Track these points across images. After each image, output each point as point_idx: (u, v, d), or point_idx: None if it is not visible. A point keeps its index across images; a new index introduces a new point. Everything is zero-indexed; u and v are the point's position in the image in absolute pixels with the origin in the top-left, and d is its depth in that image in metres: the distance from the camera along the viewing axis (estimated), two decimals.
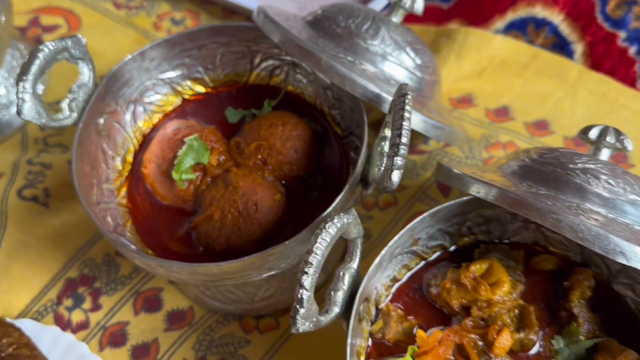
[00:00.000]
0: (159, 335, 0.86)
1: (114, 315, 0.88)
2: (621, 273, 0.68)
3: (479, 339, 0.65)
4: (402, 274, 0.72)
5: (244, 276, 0.68)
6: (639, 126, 0.98)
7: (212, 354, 0.84)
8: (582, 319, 0.66)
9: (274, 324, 0.86)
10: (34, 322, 0.84)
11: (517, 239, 0.73)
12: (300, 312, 0.56)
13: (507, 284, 0.67)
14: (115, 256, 0.92)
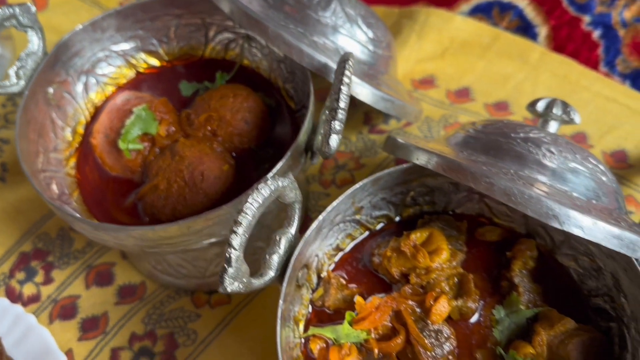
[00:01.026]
0: (109, 309, 0.85)
1: (65, 288, 0.87)
2: (564, 244, 0.67)
3: (417, 306, 0.64)
4: (345, 244, 0.71)
5: (184, 242, 0.67)
6: (600, 107, 0.98)
7: (161, 327, 0.83)
8: (523, 288, 0.65)
9: (225, 298, 0.85)
10: None
11: (461, 210, 0.72)
12: (229, 271, 0.55)
13: (446, 252, 0.66)
14: (70, 231, 0.92)
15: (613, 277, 0.63)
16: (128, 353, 0.81)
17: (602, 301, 0.64)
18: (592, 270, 0.65)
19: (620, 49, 1.05)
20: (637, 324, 0.59)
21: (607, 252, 0.62)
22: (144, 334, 0.82)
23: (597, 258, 0.64)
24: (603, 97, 0.99)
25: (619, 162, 0.93)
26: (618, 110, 0.98)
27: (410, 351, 0.62)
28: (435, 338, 0.63)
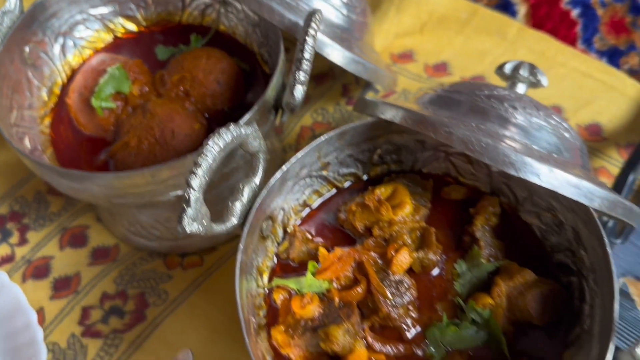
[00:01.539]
0: (81, 269, 0.85)
1: (39, 249, 0.88)
2: (527, 201, 0.68)
3: (379, 258, 0.65)
4: (313, 200, 0.72)
5: (149, 192, 0.68)
6: (576, 83, 0.99)
7: (132, 287, 0.83)
8: (485, 242, 0.66)
9: (198, 261, 0.85)
10: None
11: (428, 170, 0.73)
12: (188, 211, 0.56)
13: (409, 206, 0.67)
14: (47, 194, 0.92)
15: (574, 231, 0.63)
16: (99, 311, 0.82)
17: (564, 256, 0.65)
18: (554, 226, 0.66)
19: (598, 28, 1.06)
20: (595, 275, 0.60)
21: (568, 205, 0.63)
22: (115, 294, 0.83)
23: (558, 213, 0.65)
24: (579, 72, 1.00)
25: (593, 135, 0.93)
26: (593, 85, 0.98)
27: (370, 300, 0.63)
28: (396, 288, 0.63)
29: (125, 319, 0.81)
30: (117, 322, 0.81)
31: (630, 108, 0.95)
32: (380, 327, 0.63)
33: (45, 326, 0.81)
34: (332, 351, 0.60)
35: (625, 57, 1.03)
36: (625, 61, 1.02)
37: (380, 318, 0.62)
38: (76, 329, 0.81)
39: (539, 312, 0.60)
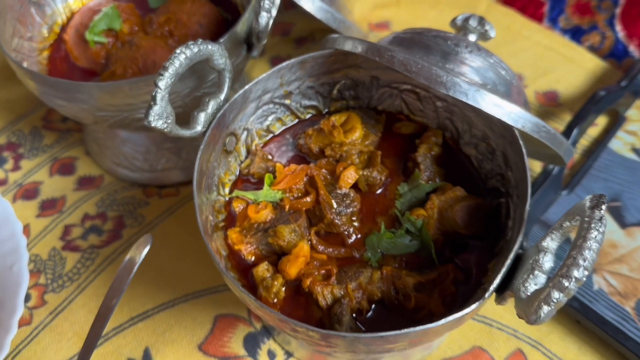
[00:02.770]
0: (67, 194, 0.93)
1: (30, 175, 0.95)
2: (466, 133, 0.75)
3: (328, 174, 0.72)
4: (276, 127, 0.79)
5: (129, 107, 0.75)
6: (537, 54, 1.06)
7: (112, 210, 0.91)
8: (425, 166, 0.72)
9: (174, 192, 0.93)
10: None
11: (382, 107, 0.80)
12: (154, 108, 0.63)
13: (360, 131, 0.74)
14: (42, 129, 1.00)
15: (503, 155, 0.70)
16: (79, 229, 0.89)
17: (495, 181, 0.71)
18: (487, 154, 0.72)
19: (565, 9, 1.13)
20: (518, 190, 0.66)
21: (499, 132, 0.70)
22: (95, 215, 0.90)
23: (491, 141, 0.71)
24: (542, 45, 1.07)
25: (550, 100, 1.00)
26: (554, 57, 1.05)
27: (318, 209, 0.70)
28: (342, 200, 0.70)
29: (103, 236, 0.88)
30: (95, 239, 0.88)
31: (586, 79, 1.02)
32: (325, 234, 0.70)
33: (30, 240, 0.88)
34: (279, 246, 0.67)
35: (587, 35, 1.10)
36: (587, 39, 1.09)
37: (325, 225, 0.69)
38: (57, 243, 0.88)
39: (465, 221, 0.67)
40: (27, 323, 0.81)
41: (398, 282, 0.64)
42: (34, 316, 0.82)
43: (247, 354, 0.78)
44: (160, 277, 0.84)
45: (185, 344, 0.79)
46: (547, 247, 0.57)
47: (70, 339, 0.80)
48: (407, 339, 0.56)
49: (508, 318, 0.79)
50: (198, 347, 0.78)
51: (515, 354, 0.77)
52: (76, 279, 0.85)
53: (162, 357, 0.78)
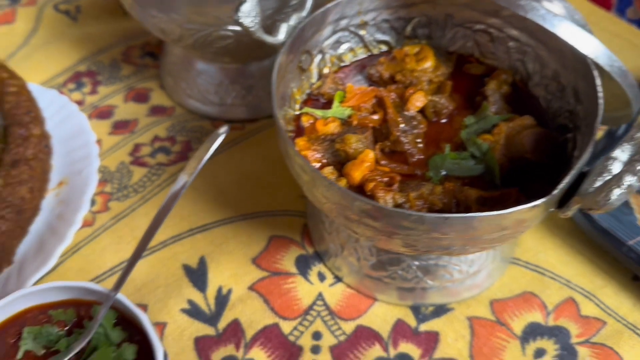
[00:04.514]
0: (139, 117, 0.95)
1: (106, 100, 0.98)
2: (537, 74, 0.74)
3: (397, 98, 0.72)
4: (348, 57, 0.79)
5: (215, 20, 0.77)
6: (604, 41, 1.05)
7: (181, 135, 0.92)
8: (493, 99, 0.72)
9: (240, 127, 0.94)
10: (33, 84, 0.94)
11: (454, 49, 0.80)
12: (245, 4, 0.65)
13: (432, 61, 0.74)
14: (121, 62, 1.04)
15: (573, 90, 0.69)
16: (148, 148, 0.91)
17: (563, 118, 0.70)
18: (557, 92, 0.72)
19: (633, 2, 1.13)
20: (587, 120, 0.65)
21: (571, 66, 0.69)
22: (165, 138, 0.92)
23: (562, 78, 0.71)
24: (608, 32, 1.06)
25: None
26: (621, 44, 1.04)
27: (384, 128, 0.70)
28: (408, 121, 0.70)
29: (171, 157, 0.90)
30: (163, 158, 0.90)
31: None
32: (389, 152, 0.70)
33: (100, 154, 0.90)
34: (345, 153, 0.67)
35: None
36: None
37: (391, 142, 0.69)
38: (126, 158, 0.90)
39: (533, 147, 0.66)
40: (89, 224, 0.83)
41: (460, 195, 0.63)
42: (97, 219, 0.83)
43: (297, 272, 0.77)
44: (220, 198, 0.85)
45: (239, 257, 0.79)
46: (616, 157, 0.56)
47: (130, 242, 0.81)
48: (470, 227, 0.55)
49: (560, 268, 0.77)
50: (252, 261, 0.78)
51: (567, 301, 0.74)
52: (141, 191, 0.86)
53: (216, 266, 0.78)
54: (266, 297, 0.75)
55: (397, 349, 0.71)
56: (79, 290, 0.66)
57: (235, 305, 0.75)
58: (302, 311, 0.74)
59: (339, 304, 0.75)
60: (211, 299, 0.75)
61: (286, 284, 0.76)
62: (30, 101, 0.89)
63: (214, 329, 0.73)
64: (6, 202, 0.77)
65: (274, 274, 0.77)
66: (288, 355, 0.71)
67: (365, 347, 0.71)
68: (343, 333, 0.72)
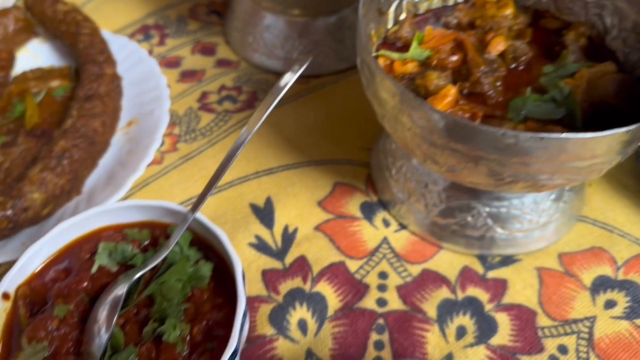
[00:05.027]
0: (206, 68, 0.96)
1: (174, 51, 0.99)
2: (615, 28, 0.73)
3: (477, 42, 0.72)
4: (424, 6, 0.79)
5: None
6: None
7: (247, 86, 0.93)
8: (573, 48, 0.71)
9: (304, 82, 0.94)
10: (104, 30, 0.96)
11: (530, 4, 0.80)
12: None
13: (512, 8, 0.74)
14: (187, 18, 1.05)
15: None
16: (215, 96, 0.92)
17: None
18: (636, 44, 0.71)
19: None
20: None
21: None
22: (232, 87, 0.93)
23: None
24: None
25: None
26: None
27: (464, 69, 0.69)
28: (489, 63, 0.69)
29: (237, 105, 0.90)
30: (230, 106, 0.90)
31: None
32: (467, 94, 0.69)
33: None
34: (425, 89, 0.66)
35: None
36: None
37: (471, 83, 0.68)
38: (194, 104, 0.91)
39: (615, 91, 0.65)
40: (158, 162, 0.83)
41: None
42: (165, 158, 0.84)
43: (362, 216, 0.77)
44: (285, 145, 0.85)
45: (305, 199, 0.79)
46: None
47: (197, 181, 0.81)
48: (564, 150, 0.54)
49: (630, 227, 0.76)
50: (317, 203, 0.78)
51: (637, 258, 0.73)
52: (208, 135, 0.87)
53: (283, 206, 0.78)
54: (332, 237, 0.75)
55: (465, 292, 0.70)
56: (156, 210, 0.67)
57: (302, 243, 0.74)
58: (368, 252, 0.74)
59: (404, 248, 0.74)
60: (278, 236, 0.75)
61: (351, 226, 0.76)
62: (103, 43, 0.91)
63: (281, 263, 0.73)
64: (80, 132, 0.78)
65: (339, 217, 0.77)
66: (355, 291, 0.70)
67: (432, 288, 0.70)
68: (409, 275, 0.71)
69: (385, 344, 0.66)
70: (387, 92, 0.60)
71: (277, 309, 0.69)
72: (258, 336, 0.66)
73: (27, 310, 0.62)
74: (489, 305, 0.69)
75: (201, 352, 0.58)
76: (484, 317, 0.68)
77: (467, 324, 0.67)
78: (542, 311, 0.68)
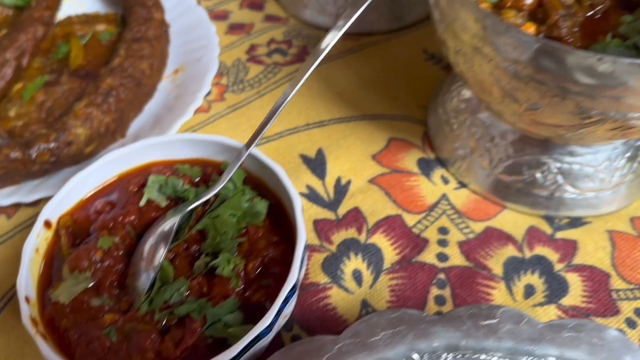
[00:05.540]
0: (255, 22, 0.92)
1: (221, 5, 0.96)
2: None
3: None
4: None
5: None
6: None
7: (297, 40, 0.89)
8: None
9: (355, 38, 0.90)
10: None
11: None
12: None
13: None
14: None
15: None
16: (264, 49, 0.88)
17: None
18: None
19: None
20: None
21: None
22: (281, 41, 0.89)
23: None
24: None
25: None
26: None
27: (540, 12, 0.65)
28: (567, 7, 0.65)
29: (287, 58, 0.86)
30: (280, 58, 0.86)
31: None
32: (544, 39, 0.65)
33: None
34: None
35: None
36: None
37: (547, 26, 0.64)
38: (242, 56, 0.87)
39: None
40: (205, 111, 0.80)
41: None
42: (212, 107, 0.80)
43: (420, 172, 0.72)
44: (337, 98, 0.81)
45: (359, 152, 0.74)
46: None
47: (245, 130, 0.77)
48: None
49: None
50: (372, 157, 0.74)
51: None
52: (256, 86, 0.83)
53: (335, 158, 0.74)
54: (387, 191, 0.70)
55: (532, 251, 0.65)
56: (208, 146, 0.63)
57: (355, 195, 0.70)
58: (427, 207, 0.69)
59: (465, 206, 0.69)
60: (330, 187, 0.71)
61: (408, 181, 0.71)
62: None
63: (334, 213, 0.68)
64: (127, 72, 0.75)
65: (395, 172, 0.72)
66: (413, 245, 0.65)
67: (497, 246, 0.65)
68: (472, 232, 0.67)
69: (446, 299, 0.61)
70: (469, 19, 0.55)
71: (330, 258, 0.64)
72: (311, 283, 0.62)
73: (69, 241, 0.58)
74: (559, 265, 0.63)
75: (256, 289, 0.53)
76: (554, 276, 0.63)
77: (535, 283, 0.62)
78: (616, 274, 0.63)
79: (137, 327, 0.50)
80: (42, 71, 0.80)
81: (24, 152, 0.65)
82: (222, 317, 0.51)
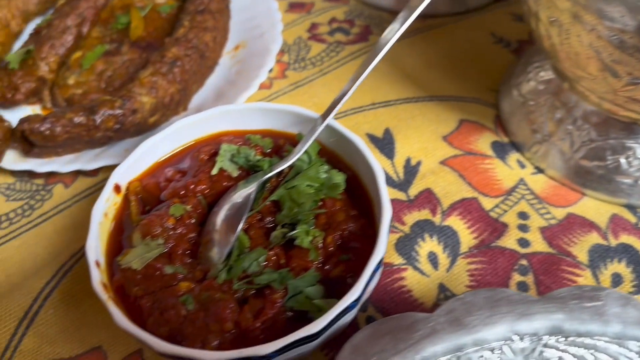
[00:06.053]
0: (315, 2, 0.90)
1: None
2: None
3: None
4: None
5: None
6: None
7: (360, 20, 0.86)
8: None
9: (420, 20, 0.87)
10: None
11: None
12: None
13: None
14: None
15: None
16: (326, 27, 0.85)
17: None
18: None
19: None
20: None
21: None
22: (343, 20, 0.86)
23: None
24: None
25: None
26: None
27: None
28: None
29: (350, 37, 0.84)
30: (342, 37, 0.84)
31: None
32: None
33: None
34: None
35: None
36: None
37: None
38: (304, 34, 0.84)
39: None
40: (266, 87, 0.77)
41: None
42: (274, 84, 0.78)
43: (494, 155, 0.69)
44: (404, 79, 0.78)
45: (428, 133, 0.71)
46: None
47: (310, 108, 0.74)
48: None
49: None
50: (442, 138, 0.71)
51: None
52: (319, 64, 0.80)
53: (404, 137, 0.71)
54: (461, 173, 0.67)
55: (618, 239, 0.61)
56: (281, 116, 0.60)
57: (426, 176, 0.67)
58: (504, 191, 0.66)
59: (544, 191, 0.66)
60: (399, 167, 0.68)
61: (482, 164, 0.68)
62: None
63: (405, 194, 0.65)
64: (191, 43, 0.73)
65: (468, 153, 0.69)
66: (491, 229, 0.62)
67: (580, 233, 0.62)
68: (553, 217, 0.63)
69: (529, 285, 0.58)
70: None
71: (404, 239, 0.61)
72: (385, 263, 0.59)
73: (139, 207, 0.56)
74: None
75: (335, 263, 0.51)
76: None
77: (623, 272, 0.59)
78: None
79: (215, 296, 0.48)
80: (101, 40, 0.78)
81: (88, 117, 0.63)
82: (304, 289, 0.48)
